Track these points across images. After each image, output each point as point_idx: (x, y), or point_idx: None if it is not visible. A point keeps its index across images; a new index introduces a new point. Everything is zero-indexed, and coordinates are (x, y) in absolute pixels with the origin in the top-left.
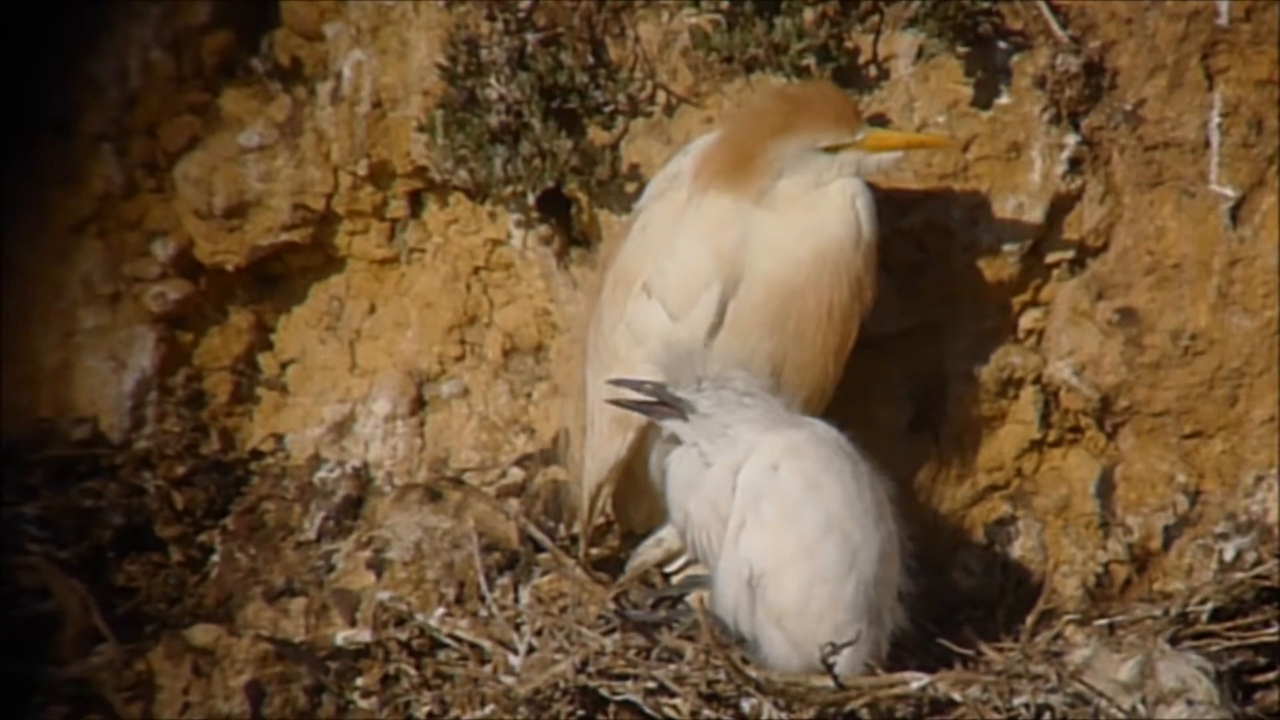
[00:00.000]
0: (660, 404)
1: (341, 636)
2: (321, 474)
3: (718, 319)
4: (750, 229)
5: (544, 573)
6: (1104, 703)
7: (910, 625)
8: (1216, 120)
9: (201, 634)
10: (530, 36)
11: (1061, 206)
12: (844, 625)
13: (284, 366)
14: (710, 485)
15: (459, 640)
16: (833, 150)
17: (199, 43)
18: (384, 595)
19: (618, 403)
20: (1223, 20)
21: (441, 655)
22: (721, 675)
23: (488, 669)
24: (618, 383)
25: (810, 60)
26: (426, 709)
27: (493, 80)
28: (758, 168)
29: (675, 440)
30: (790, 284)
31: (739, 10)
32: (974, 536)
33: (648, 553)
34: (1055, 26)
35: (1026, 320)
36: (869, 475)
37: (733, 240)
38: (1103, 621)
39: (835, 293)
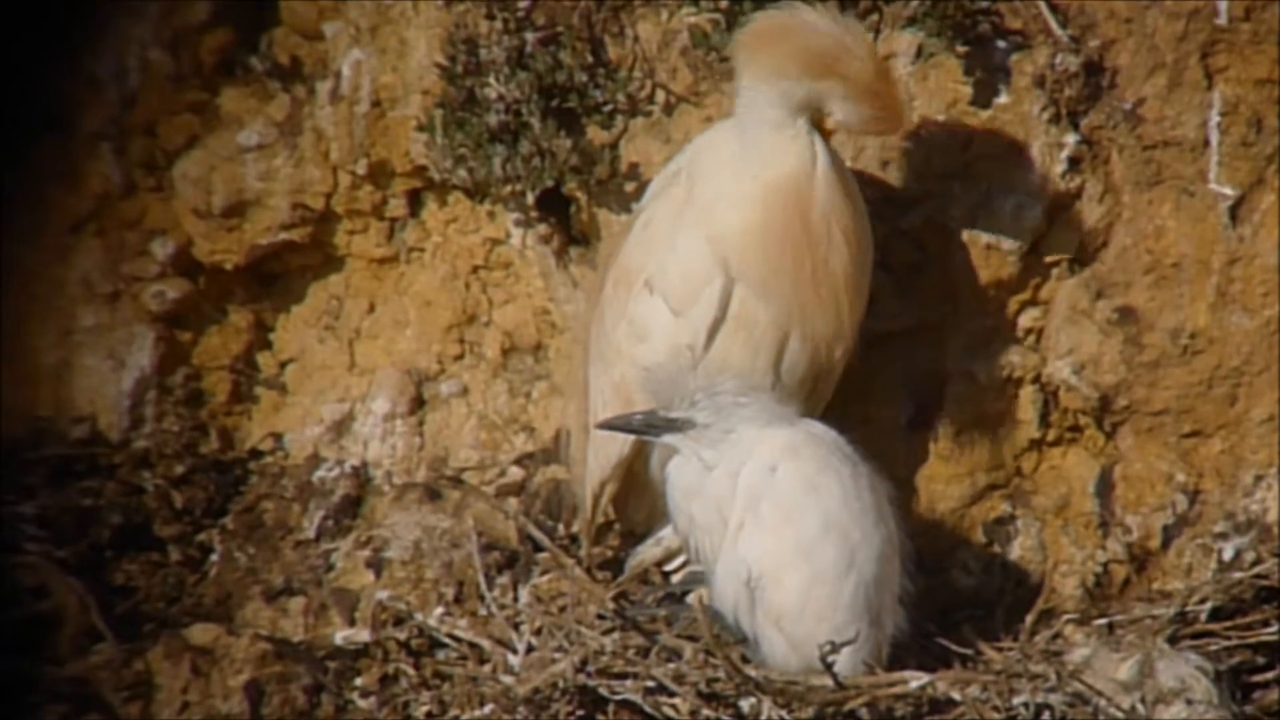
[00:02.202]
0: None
1: (340, 636)
2: (320, 473)
3: (720, 314)
4: None
5: (543, 572)
6: (1103, 702)
7: (910, 625)
8: (1216, 119)
9: (200, 633)
10: (529, 36)
11: (1061, 206)
12: (843, 626)
13: (283, 366)
14: (713, 489)
15: (458, 640)
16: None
17: (198, 42)
18: (383, 595)
19: (614, 427)
20: (1222, 19)
21: (440, 655)
22: (721, 674)
23: (487, 668)
24: (606, 425)
25: None
26: (425, 708)
27: (492, 79)
28: None
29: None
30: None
31: (738, 9)
32: (973, 536)
33: (647, 552)
34: (1054, 25)
35: (1025, 319)
36: (868, 476)
37: None
38: (1102, 621)
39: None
